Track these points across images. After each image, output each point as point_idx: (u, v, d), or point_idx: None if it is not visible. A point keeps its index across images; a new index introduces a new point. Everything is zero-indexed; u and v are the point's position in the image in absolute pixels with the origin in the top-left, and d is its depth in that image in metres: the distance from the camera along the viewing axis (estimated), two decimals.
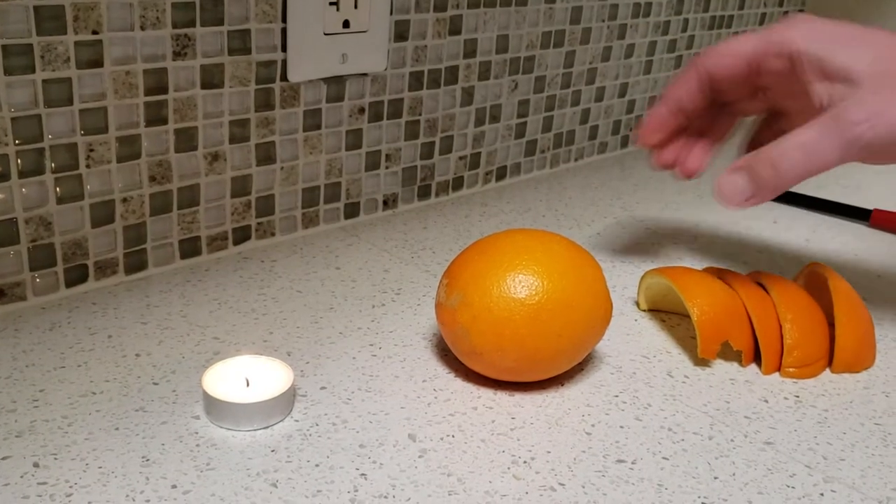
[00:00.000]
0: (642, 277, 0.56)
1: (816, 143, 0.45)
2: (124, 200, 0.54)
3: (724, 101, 0.56)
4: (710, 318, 0.49)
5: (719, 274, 0.54)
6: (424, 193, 0.73)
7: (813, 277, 0.55)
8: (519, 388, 0.46)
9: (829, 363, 0.50)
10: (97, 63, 0.50)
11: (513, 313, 0.43)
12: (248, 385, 0.43)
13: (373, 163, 0.67)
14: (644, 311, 0.57)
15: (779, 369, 0.49)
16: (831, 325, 0.51)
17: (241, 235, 0.61)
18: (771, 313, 0.50)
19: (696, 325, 0.49)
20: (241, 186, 0.60)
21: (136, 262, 0.56)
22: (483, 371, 0.45)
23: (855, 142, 0.44)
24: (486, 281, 0.43)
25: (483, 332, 0.43)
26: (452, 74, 0.71)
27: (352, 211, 0.68)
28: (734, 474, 0.41)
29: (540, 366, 0.44)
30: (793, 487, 0.40)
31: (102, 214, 0.53)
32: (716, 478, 0.40)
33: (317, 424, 0.42)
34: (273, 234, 0.63)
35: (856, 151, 0.45)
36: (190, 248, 0.58)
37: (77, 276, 0.53)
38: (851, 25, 0.48)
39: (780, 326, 0.49)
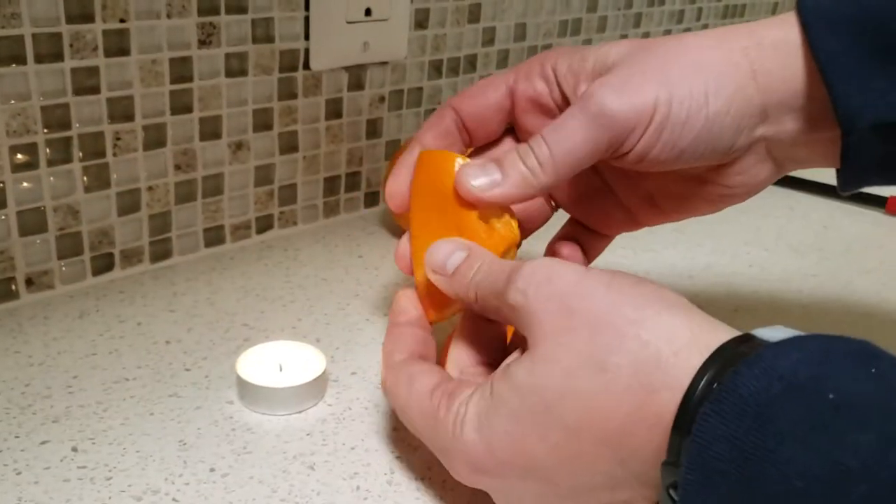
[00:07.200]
0: None
1: (564, 124, 0.36)
2: (150, 189, 0.54)
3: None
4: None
5: None
6: None
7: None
8: None
9: None
10: (124, 51, 0.50)
11: None
12: (281, 370, 0.43)
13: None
14: None
15: None
16: None
17: (264, 224, 0.61)
18: None
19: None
20: (264, 176, 0.60)
21: (161, 251, 0.56)
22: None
23: (598, 116, 0.35)
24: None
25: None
26: (471, 63, 0.71)
27: (372, 200, 0.68)
28: None
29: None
30: None
31: (128, 203, 0.53)
32: None
33: (350, 408, 0.43)
34: (295, 223, 0.63)
35: (605, 133, 0.35)
36: (214, 236, 0.59)
37: (103, 265, 0.54)
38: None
39: None
